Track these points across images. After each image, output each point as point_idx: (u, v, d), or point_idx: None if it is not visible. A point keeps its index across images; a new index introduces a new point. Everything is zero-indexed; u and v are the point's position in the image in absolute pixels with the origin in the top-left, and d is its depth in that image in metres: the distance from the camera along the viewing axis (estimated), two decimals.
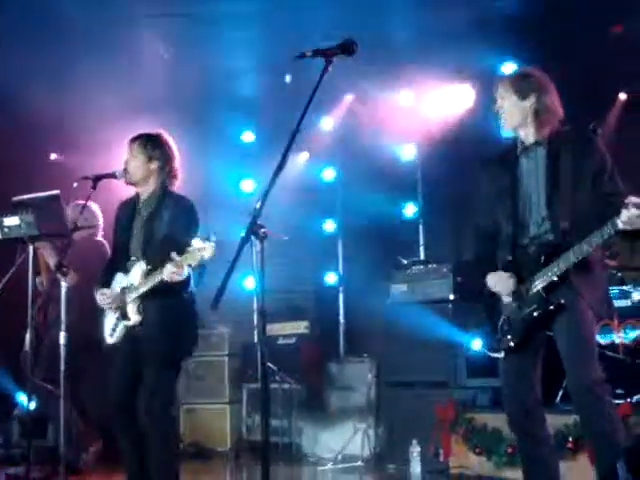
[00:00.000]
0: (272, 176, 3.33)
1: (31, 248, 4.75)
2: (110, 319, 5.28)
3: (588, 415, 3.98)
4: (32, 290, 4.72)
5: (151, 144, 5.27)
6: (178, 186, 5.41)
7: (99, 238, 6.94)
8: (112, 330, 5.26)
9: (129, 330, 5.18)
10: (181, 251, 4.71)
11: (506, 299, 4.30)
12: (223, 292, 3.16)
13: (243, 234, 3.27)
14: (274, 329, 8.72)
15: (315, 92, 3.43)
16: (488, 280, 4.35)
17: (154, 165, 5.25)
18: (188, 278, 5.01)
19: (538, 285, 4.16)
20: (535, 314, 4.18)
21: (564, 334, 4.10)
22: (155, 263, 5.00)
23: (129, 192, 5.42)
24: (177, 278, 4.83)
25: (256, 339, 9.63)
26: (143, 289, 5.05)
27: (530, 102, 4.30)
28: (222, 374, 8.81)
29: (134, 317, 5.12)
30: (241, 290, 9.61)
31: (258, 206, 3.30)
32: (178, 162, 5.34)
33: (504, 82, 4.42)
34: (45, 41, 7.50)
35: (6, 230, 4.74)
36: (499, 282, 4.30)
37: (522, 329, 4.23)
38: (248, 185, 10.03)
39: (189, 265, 4.77)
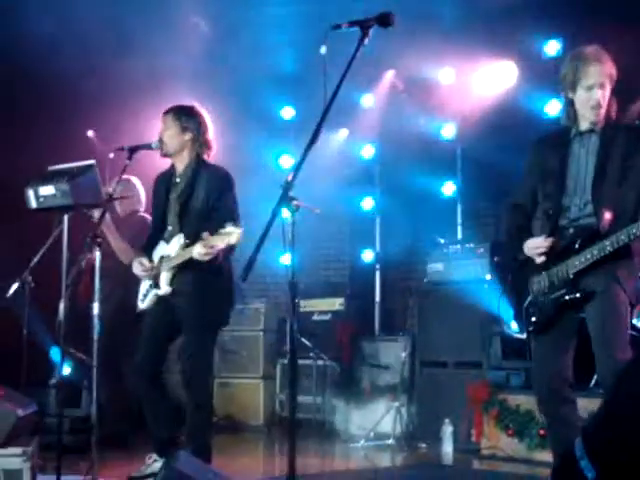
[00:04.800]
0: (304, 150, 3.31)
1: (66, 217, 4.75)
2: (144, 285, 5.38)
3: None
4: (66, 259, 4.72)
5: (185, 115, 5.31)
6: (216, 158, 5.44)
7: (143, 213, 6.97)
8: (143, 296, 5.35)
9: (160, 298, 5.25)
10: (214, 230, 4.81)
11: (535, 278, 4.22)
12: (252, 265, 3.16)
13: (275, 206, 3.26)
14: (309, 305, 8.73)
15: (350, 65, 3.41)
16: (527, 244, 4.25)
17: (188, 136, 5.28)
18: (228, 249, 5.05)
19: (570, 270, 4.07)
20: (562, 299, 4.10)
21: (596, 320, 4.01)
22: (191, 237, 5.09)
23: (165, 164, 5.45)
24: (206, 258, 4.92)
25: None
26: (177, 262, 5.13)
27: (609, 89, 4.14)
28: (257, 349, 8.84)
29: (164, 287, 5.21)
30: (278, 266, 9.63)
31: (290, 178, 3.27)
32: (212, 133, 5.37)
33: (605, 64, 4.13)
34: (77, 14, 7.50)
35: (41, 199, 4.75)
36: (534, 245, 4.22)
37: (548, 312, 4.16)
38: (287, 161, 10.00)
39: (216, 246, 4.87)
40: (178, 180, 5.33)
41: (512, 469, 6.25)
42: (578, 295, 4.04)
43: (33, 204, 4.87)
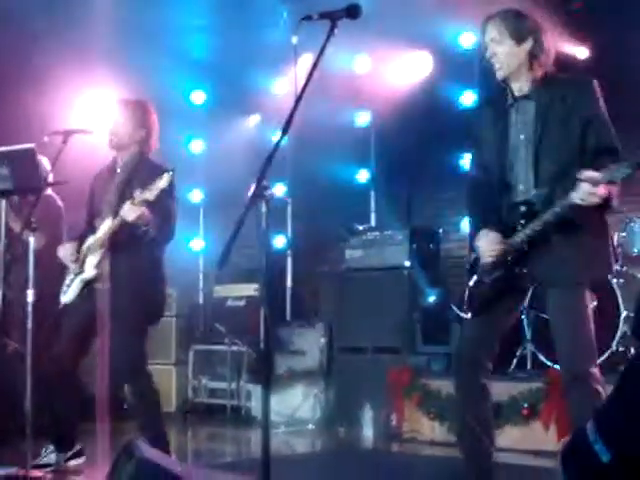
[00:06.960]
0: (273, 147, 3.37)
1: (3, 202, 4.61)
2: (68, 277, 5.23)
3: (577, 405, 3.78)
4: (4, 246, 4.58)
5: (142, 112, 5.15)
6: None
7: (49, 193, 6.73)
8: (67, 287, 5.19)
9: (86, 287, 5.11)
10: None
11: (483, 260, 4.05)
12: (229, 252, 3.16)
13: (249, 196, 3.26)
14: (223, 291, 8.73)
15: (320, 56, 3.44)
16: (480, 238, 4.03)
17: (141, 133, 5.14)
18: (157, 234, 4.94)
19: (513, 246, 3.91)
20: (503, 278, 3.95)
21: (558, 320, 3.89)
22: None
23: (101, 149, 5.32)
24: (134, 215, 4.73)
25: (201, 300, 9.64)
26: (105, 235, 4.97)
27: (528, 45, 3.92)
28: (169, 335, 8.75)
29: (90, 270, 5.04)
30: (187, 251, 9.58)
31: (262, 169, 3.29)
32: (157, 134, 5.24)
33: (496, 24, 3.93)
34: None
35: None
36: (486, 242, 4.01)
37: (489, 293, 4.02)
38: (197, 145, 9.93)
39: (147, 201, 4.72)
40: (119, 172, 5.19)
41: (433, 452, 6.39)
42: (516, 271, 3.92)
43: None
